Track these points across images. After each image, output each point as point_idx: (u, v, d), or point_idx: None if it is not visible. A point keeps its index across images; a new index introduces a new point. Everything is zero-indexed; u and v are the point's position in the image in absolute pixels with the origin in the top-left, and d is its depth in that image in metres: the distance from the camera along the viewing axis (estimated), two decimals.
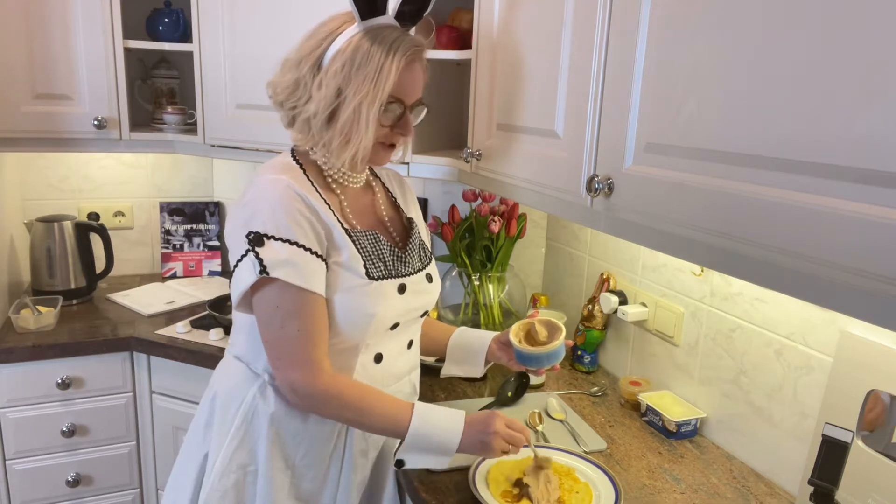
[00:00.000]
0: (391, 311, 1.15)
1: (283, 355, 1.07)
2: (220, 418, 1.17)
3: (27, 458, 1.83)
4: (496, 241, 1.87)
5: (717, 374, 1.40)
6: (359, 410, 1.09)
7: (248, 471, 1.15)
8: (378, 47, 1.06)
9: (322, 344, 1.08)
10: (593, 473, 1.21)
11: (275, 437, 1.14)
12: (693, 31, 0.86)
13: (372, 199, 1.26)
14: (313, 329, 1.06)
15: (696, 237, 0.88)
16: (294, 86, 1.10)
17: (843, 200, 0.67)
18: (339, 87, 1.06)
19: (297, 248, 1.04)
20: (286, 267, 1.03)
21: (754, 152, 0.78)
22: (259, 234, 1.03)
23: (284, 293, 1.04)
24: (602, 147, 1.07)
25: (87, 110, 1.91)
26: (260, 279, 1.03)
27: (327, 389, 1.07)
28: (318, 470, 1.18)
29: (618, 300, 1.64)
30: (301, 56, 1.10)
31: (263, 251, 1.02)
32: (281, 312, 1.05)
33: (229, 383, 1.19)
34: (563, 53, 1.16)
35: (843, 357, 1.11)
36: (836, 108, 0.68)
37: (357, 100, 1.05)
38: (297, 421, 1.15)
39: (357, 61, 1.05)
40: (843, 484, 1.06)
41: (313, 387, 1.06)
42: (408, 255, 1.22)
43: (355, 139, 1.08)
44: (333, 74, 1.06)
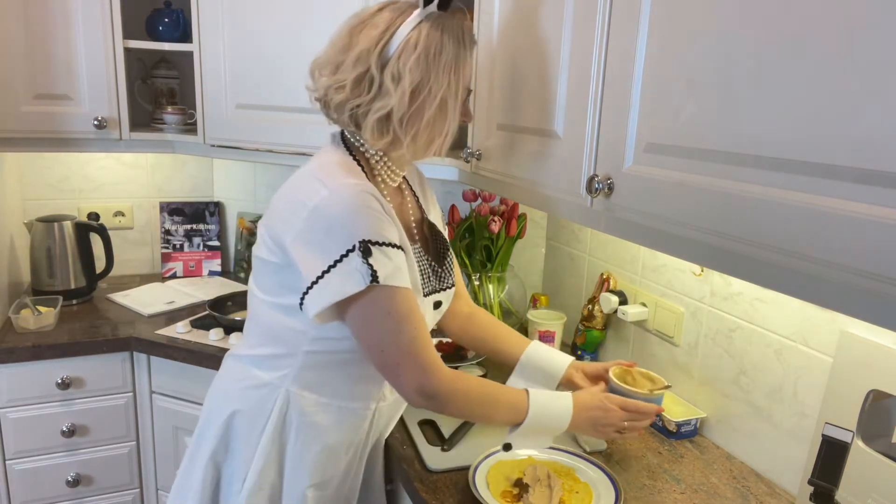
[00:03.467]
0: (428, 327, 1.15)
1: (402, 360, 1.03)
2: (244, 435, 1.14)
3: (27, 458, 1.83)
4: (496, 241, 1.87)
5: (717, 374, 1.40)
6: (484, 404, 1.09)
7: (277, 485, 1.15)
8: (449, 37, 1.03)
9: (430, 342, 1.06)
10: (593, 473, 1.21)
11: (302, 453, 1.14)
12: (693, 31, 0.86)
13: (402, 200, 1.21)
14: (423, 328, 1.04)
15: (696, 237, 0.88)
16: (357, 82, 1.03)
17: (843, 200, 0.67)
18: (420, 80, 1.01)
19: (397, 250, 1.02)
20: (396, 273, 1.00)
21: (754, 152, 0.78)
22: (367, 243, 0.98)
23: (395, 297, 1.01)
24: (602, 147, 1.07)
25: (87, 110, 1.91)
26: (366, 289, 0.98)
27: (452, 387, 1.05)
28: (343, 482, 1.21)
29: (618, 300, 1.64)
30: (361, 51, 1.02)
31: (374, 259, 0.98)
32: (394, 317, 1.01)
33: (251, 396, 1.14)
34: (563, 53, 1.16)
35: (843, 357, 1.11)
36: (836, 108, 0.68)
37: (441, 93, 1.02)
38: (324, 437, 1.14)
39: (433, 51, 1.01)
40: (843, 484, 1.06)
41: (439, 386, 1.04)
42: (444, 270, 1.20)
43: (441, 131, 1.05)
44: (410, 69, 1.01)
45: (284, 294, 1.08)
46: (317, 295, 1.00)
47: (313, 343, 1.10)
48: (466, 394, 1.07)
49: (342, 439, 1.17)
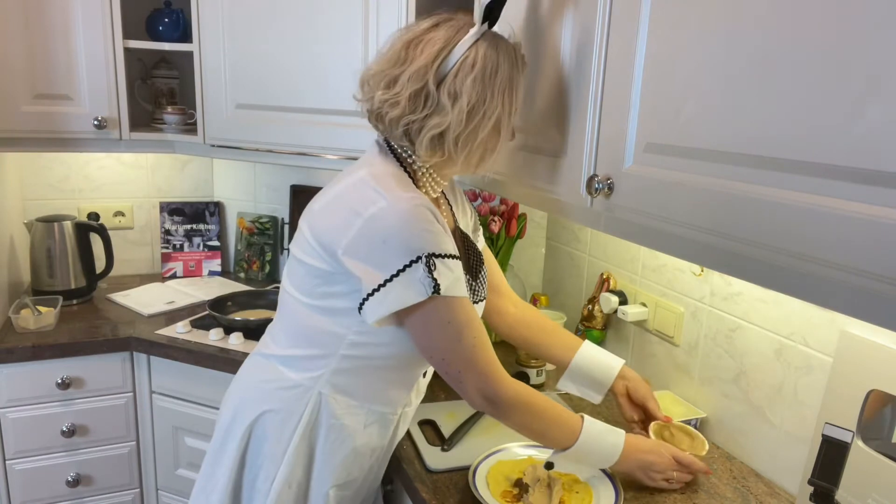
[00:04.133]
0: None
1: (466, 367, 1.05)
2: (275, 435, 1.13)
3: (27, 458, 1.83)
4: (496, 241, 1.87)
5: (717, 374, 1.40)
6: (543, 419, 1.10)
7: (304, 485, 1.15)
8: (504, 58, 1.04)
9: (491, 349, 1.07)
10: (593, 473, 1.21)
11: (329, 455, 1.14)
12: (693, 31, 0.86)
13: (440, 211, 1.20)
14: (483, 336, 1.06)
15: (696, 237, 0.88)
16: (412, 98, 1.02)
17: (843, 200, 0.67)
18: (476, 100, 1.02)
19: (456, 261, 1.03)
20: (457, 284, 1.02)
21: (754, 152, 0.78)
22: (431, 256, 0.98)
23: (455, 307, 1.02)
24: (602, 147, 1.07)
25: (87, 110, 1.91)
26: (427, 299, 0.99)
27: (517, 397, 1.07)
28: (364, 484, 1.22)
29: (618, 300, 1.64)
30: (419, 67, 1.02)
31: (437, 272, 0.99)
32: (454, 326, 1.03)
33: (282, 397, 1.14)
34: (564, 54, 1.16)
35: (843, 357, 1.11)
36: (836, 107, 0.68)
37: (497, 114, 1.04)
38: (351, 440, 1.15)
39: (489, 72, 1.02)
40: (843, 484, 1.06)
41: (504, 393, 1.06)
42: (479, 283, 1.22)
43: (493, 150, 1.08)
44: (468, 89, 1.01)
45: (328, 298, 1.08)
46: (377, 303, 1.01)
47: (351, 347, 1.10)
48: (528, 405, 1.09)
49: (369, 442, 1.18)
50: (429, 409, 1.48)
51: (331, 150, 1.81)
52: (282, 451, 1.13)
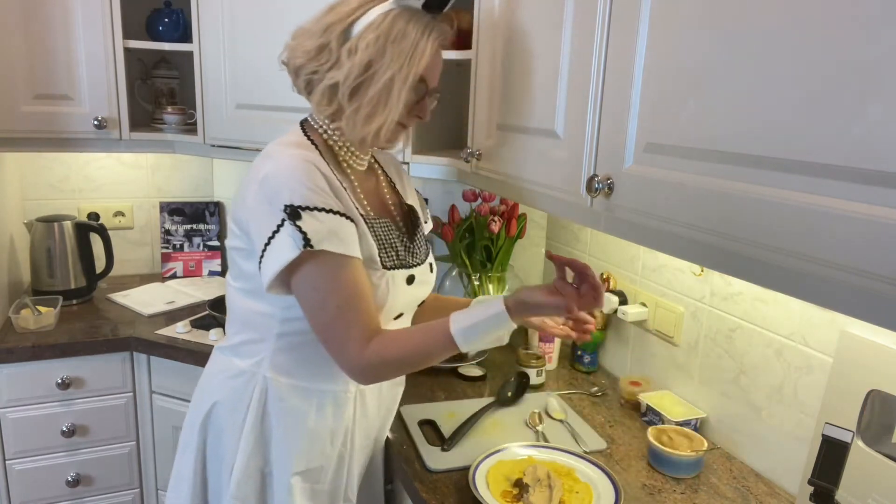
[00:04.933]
0: (399, 301, 1.15)
1: (329, 338, 1.04)
2: (227, 425, 1.15)
3: (27, 458, 1.83)
4: (496, 241, 1.87)
5: (717, 374, 1.40)
6: (418, 353, 1.05)
7: (265, 472, 1.15)
8: (414, 26, 1.06)
9: (363, 312, 1.04)
10: (593, 473, 1.21)
11: (284, 439, 1.14)
12: (693, 30, 0.86)
13: (376, 183, 1.24)
14: (354, 300, 1.03)
15: (696, 237, 0.88)
16: (317, 51, 1.08)
17: (843, 200, 0.67)
18: (372, 58, 1.05)
19: (334, 215, 1.02)
20: (331, 238, 1.01)
21: (754, 152, 0.78)
22: (295, 207, 0.99)
23: (322, 268, 1.01)
24: (602, 147, 1.07)
25: (87, 110, 1.91)
26: (302, 255, 0.99)
27: (374, 354, 1.03)
28: (330, 469, 1.19)
29: (618, 300, 1.64)
30: (328, 23, 1.08)
31: (305, 224, 0.99)
32: (320, 293, 1.02)
33: (230, 385, 1.16)
34: (563, 53, 1.16)
35: (843, 357, 1.11)
36: (835, 107, 0.68)
37: (390, 73, 1.05)
38: (305, 422, 1.14)
39: (393, 35, 1.05)
40: (843, 484, 1.06)
41: (364, 358, 1.03)
42: (416, 246, 1.21)
43: (382, 112, 1.07)
44: (367, 45, 1.04)
45: (251, 278, 1.09)
46: (265, 266, 1.02)
47: (283, 325, 1.10)
48: (398, 355, 1.04)
49: (325, 424, 1.16)
50: (429, 409, 1.49)
51: None
52: (236, 441, 1.14)
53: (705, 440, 1.30)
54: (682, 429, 1.33)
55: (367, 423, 1.25)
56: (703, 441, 1.29)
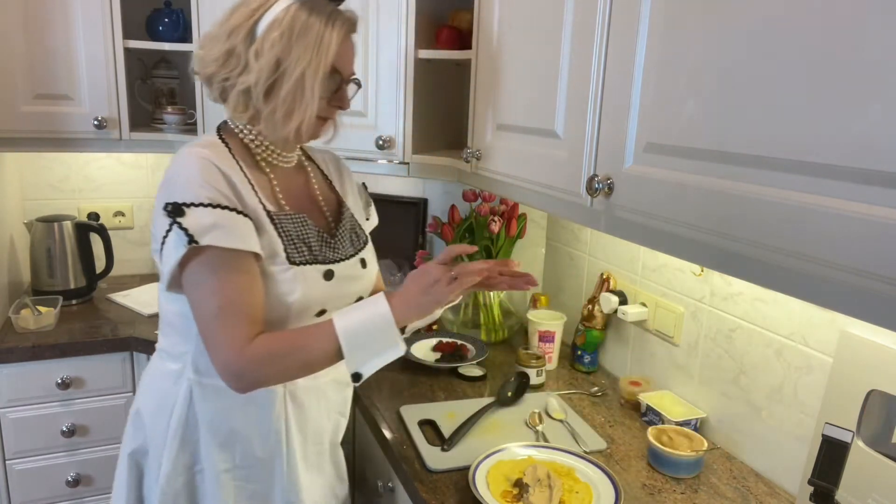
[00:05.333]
0: (315, 297, 1.11)
1: (208, 339, 1.01)
2: (153, 424, 1.15)
3: (27, 458, 1.83)
4: (496, 241, 1.87)
5: (717, 374, 1.40)
6: (296, 357, 1.02)
7: (195, 470, 1.15)
8: (317, 17, 1.05)
9: (245, 314, 1.01)
10: (593, 473, 1.21)
11: (211, 439, 1.13)
12: (693, 31, 0.86)
13: (305, 180, 1.23)
14: (236, 301, 1.00)
15: (696, 237, 0.88)
16: (225, 57, 1.07)
17: (843, 200, 0.67)
18: (279, 56, 1.03)
19: (222, 210, 1.00)
20: (214, 231, 0.98)
21: (754, 152, 0.78)
22: (178, 204, 0.98)
23: (207, 266, 1.00)
24: (602, 147, 1.07)
25: (87, 110, 1.91)
26: (188, 252, 0.98)
27: (253, 356, 1.00)
28: (263, 470, 1.17)
29: (618, 300, 1.64)
30: (231, 27, 1.06)
31: (186, 220, 0.97)
32: (203, 292, 1.01)
33: (156, 387, 1.16)
34: (563, 53, 1.16)
35: (843, 357, 1.11)
36: (835, 108, 0.68)
37: (300, 69, 1.03)
38: (228, 423, 1.13)
39: (297, 30, 1.04)
40: (843, 484, 1.06)
41: (240, 362, 1.00)
42: (338, 241, 1.18)
43: (299, 109, 1.06)
44: (272, 44, 1.03)
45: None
46: (162, 267, 1.02)
47: None
48: (273, 356, 1.01)
49: (250, 425, 1.14)
50: (429, 409, 1.49)
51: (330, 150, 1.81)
52: (163, 440, 1.14)
53: (705, 440, 1.30)
54: (682, 429, 1.33)
55: (310, 425, 1.21)
56: (703, 441, 1.29)
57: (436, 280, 1.03)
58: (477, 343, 1.83)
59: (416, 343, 1.83)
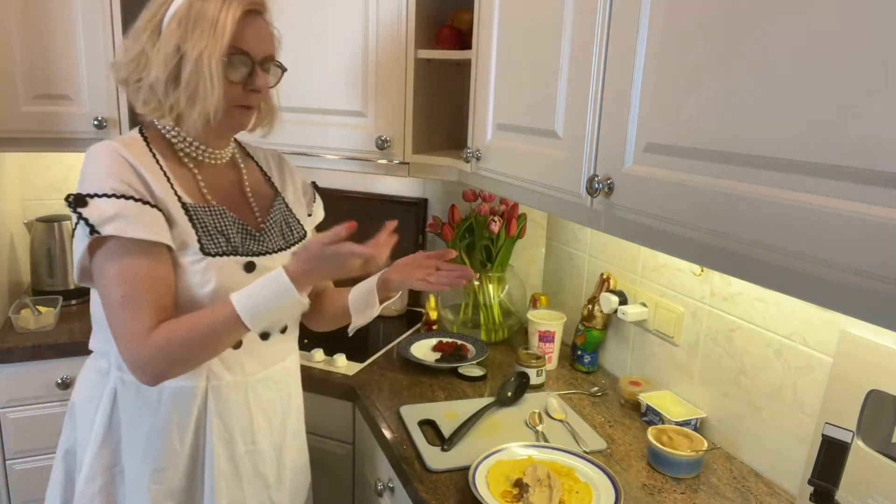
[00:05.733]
0: (235, 289, 1.06)
1: (114, 330, 1.02)
2: (82, 422, 1.16)
3: (27, 458, 1.83)
4: (496, 241, 1.87)
5: (717, 374, 1.40)
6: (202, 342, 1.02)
7: (114, 472, 1.14)
8: (212, 3, 1.05)
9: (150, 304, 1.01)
10: (593, 473, 1.21)
11: (133, 437, 1.12)
12: (693, 30, 0.86)
13: (238, 177, 1.22)
14: (140, 290, 1.00)
15: (696, 237, 0.88)
16: (136, 58, 1.07)
17: (843, 200, 0.67)
18: (178, 44, 1.04)
19: (125, 200, 1.00)
20: (116, 221, 0.98)
21: (754, 152, 0.78)
22: (80, 196, 0.99)
23: (110, 256, 1.00)
24: (602, 147, 1.07)
25: (87, 110, 1.91)
26: (92, 244, 0.99)
27: (154, 344, 1.00)
28: (182, 469, 1.14)
29: (618, 300, 1.64)
30: (138, 28, 1.08)
31: (88, 211, 0.98)
32: (108, 283, 1.01)
33: (87, 383, 1.17)
34: (563, 53, 1.16)
35: (843, 357, 1.11)
36: (835, 108, 0.68)
37: (197, 52, 1.03)
38: (148, 420, 1.11)
39: (192, 17, 1.04)
40: (843, 484, 1.06)
41: (143, 352, 1.00)
42: (265, 234, 1.17)
43: (202, 95, 1.05)
44: (171, 34, 1.04)
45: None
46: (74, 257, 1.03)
47: None
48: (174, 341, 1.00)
49: (169, 419, 1.11)
50: (429, 409, 1.49)
51: (331, 150, 1.81)
52: (87, 437, 1.14)
53: (705, 440, 1.30)
54: (682, 429, 1.33)
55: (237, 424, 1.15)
56: (703, 441, 1.29)
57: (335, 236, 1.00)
58: (477, 343, 1.83)
59: (416, 343, 1.83)
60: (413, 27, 1.65)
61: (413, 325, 2.02)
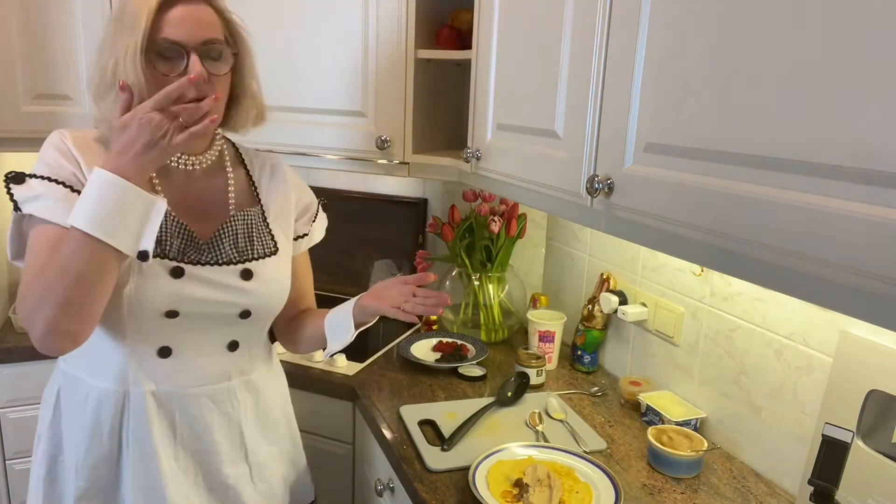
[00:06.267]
0: (158, 294, 1.03)
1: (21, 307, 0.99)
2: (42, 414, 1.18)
3: (27, 458, 1.83)
4: (496, 241, 1.87)
5: (717, 374, 1.40)
6: (49, 272, 0.95)
7: (57, 461, 1.15)
8: None
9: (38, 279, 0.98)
10: (593, 473, 1.21)
11: (70, 430, 1.13)
12: (693, 31, 0.86)
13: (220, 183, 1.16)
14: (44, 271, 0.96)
15: (696, 237, 0.88)
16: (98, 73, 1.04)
17: (843, 200, 0.67)
18: (108, 47, 1.01)
19: (54, 183, 0.99)
20: (38, 201, 0.98)
21: (754, 152, 0.78)
22: (20, 174, 1.00)
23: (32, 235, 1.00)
24: (602, 147, 1.07)
25: (87, 110, 1.91)
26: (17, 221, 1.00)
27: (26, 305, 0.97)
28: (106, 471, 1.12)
29: (618, 300, 1.64)
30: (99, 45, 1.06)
31: (19, 189, 0.99)
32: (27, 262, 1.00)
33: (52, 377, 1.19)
34: (563, 53, 1.16)
35: (843, 357, 1.11)
36: (836, 108, 0.68)
37: (120, 52, 0.98)
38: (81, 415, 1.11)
39: (115, 15, 1.02)
40: (843, 484, 1.06)
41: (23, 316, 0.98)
42: (212, 244, 1.10)
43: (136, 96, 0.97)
44: (106, 37, 1.03)
45: None
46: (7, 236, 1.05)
47: None
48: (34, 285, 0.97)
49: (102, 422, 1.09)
50: (429, 409, 1.49)
51: (331, 150, 1.81)
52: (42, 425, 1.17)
53: (705, 440, 1.30)
54: (682, 429, 1.33)
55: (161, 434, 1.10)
56: (703, 441, 1.29)
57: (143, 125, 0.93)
58: (477, 343, 1.83)
59: (416, 343, 1.83)
60: (413, 27, 1.65)
61: (413, 325, 2.02)
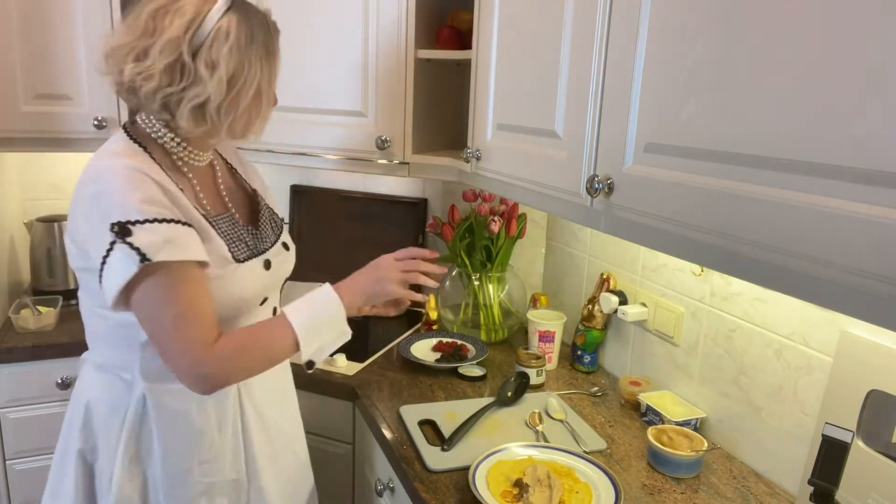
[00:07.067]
0: (259, 288, 1.16)
1: (167, 349, 1.01)
2: (106, 429, 1.13)
3: (27, 458, 1.83)
4: (496, 241, 1.87)
5: (717, 374, 1.40)
6: (258, 356, 1.07)
7: (147, 476, 1.13)
8: (257, 26, 1.06)
9: (202, 320, 1.02)
10: (593, 473, 1.21)
11: (167, 447, 1.12)
12: (693, 30, 0.86)
13: (213, 175, 1.21)
14: (193, 308, 1.01)
15: (696, 237, 0.88)
16: (167, 71, 1.01)
17: (843, 200, 0.67)
18: (235, 69, 1.03)
19: (169, 223, 1.00)
20: (167, 247, 0.98)
21: (754, 152, 0.78)
22: (123, 224, 0.96)
23: (160, 280, 0.99)
24: (602, 147, 1.07)
25: (87, 110, 1.91)
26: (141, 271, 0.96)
27: (221, 355, 1.02)
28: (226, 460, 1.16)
29: (618, 300, 1.64)
30: (170, 39, 1.00)
31: (136, 239, 0.96)
32: (158, 305, 1.00)
33: (104, 395, 1.14)
34: (563, 53, 1.16)
35: (843, 357, 1.11)
36: (836, 108, 0.68)
37: (257, 81, 1.06)
38: (188, 423, 1.12)
39: (244, 41, 1.04)
40: (843, 484, 1.06)
41: (208, 362, 1.01)
42: (261, 231, 1.22)
43: (257, 115, 1.10)
44: (225, 58, 1.02)
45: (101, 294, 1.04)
46: (105, 286, 0.99)
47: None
48: (240, 354, 1.05)
49: (210, 421, 1.14)
50: (429, 409, 1.49)
51: (331, 150, 1.81)
52: (115, 448, 1.12)
53: (705, 440, 1.30)
54: (682, 429, 1.33)
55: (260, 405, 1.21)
56: (703, 441, 1.29)
57: (386, 270, 1.16)
58: (477, 343, 1.83)
59: (416, 343, 1.83)
60: (413, 27, 1.65)
61: (413, 325, 2.02)
